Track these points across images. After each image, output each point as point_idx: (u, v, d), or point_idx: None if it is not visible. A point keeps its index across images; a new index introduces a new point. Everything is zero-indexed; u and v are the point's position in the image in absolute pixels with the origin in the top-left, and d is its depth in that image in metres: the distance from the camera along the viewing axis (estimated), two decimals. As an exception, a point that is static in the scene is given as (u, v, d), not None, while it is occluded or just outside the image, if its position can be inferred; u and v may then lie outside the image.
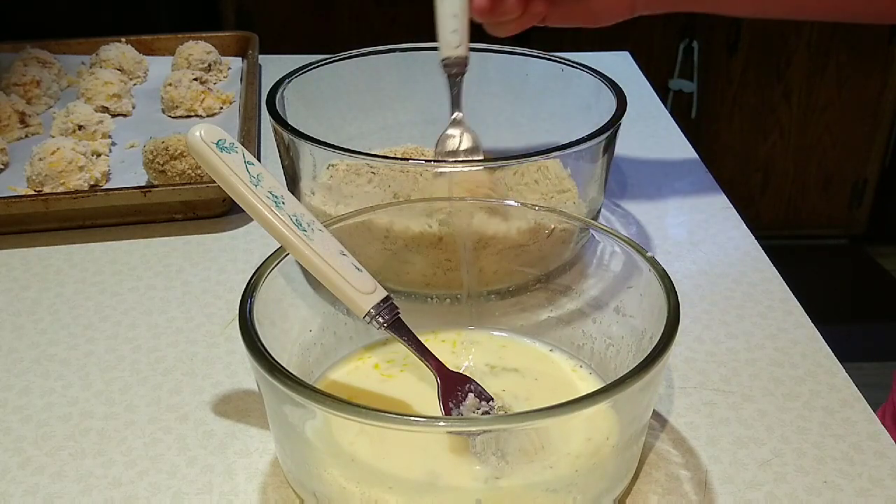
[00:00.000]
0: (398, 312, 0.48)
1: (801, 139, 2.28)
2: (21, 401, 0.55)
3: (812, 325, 0.62)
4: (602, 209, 0.70)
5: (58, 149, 0.75)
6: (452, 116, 0.66)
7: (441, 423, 0.43)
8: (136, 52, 1.00)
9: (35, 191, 0.75)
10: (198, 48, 0.99)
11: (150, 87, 0.98)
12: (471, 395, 0.47)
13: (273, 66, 1.00)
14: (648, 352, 0.42)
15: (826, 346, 0.60)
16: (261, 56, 1.02)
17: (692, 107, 2.19)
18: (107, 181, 0.78)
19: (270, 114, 0.63)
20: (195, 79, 0.92)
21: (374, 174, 0.62)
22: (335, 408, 0.39)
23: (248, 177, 0.46)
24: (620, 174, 0.82)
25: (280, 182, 0.48)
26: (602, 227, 0.53)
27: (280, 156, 0.65)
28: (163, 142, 0.74)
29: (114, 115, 0.90)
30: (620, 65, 1.09)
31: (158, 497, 0.48)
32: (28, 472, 0.49)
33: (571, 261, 0.59)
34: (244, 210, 0.46)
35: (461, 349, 0.55)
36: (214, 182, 0.47)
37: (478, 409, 0.47)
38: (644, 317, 0.48)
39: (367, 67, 0.73)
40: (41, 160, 0.75)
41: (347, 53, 0.72)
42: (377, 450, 0.43)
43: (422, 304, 0.59)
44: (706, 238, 0.73)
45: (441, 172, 0.59)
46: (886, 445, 0.51)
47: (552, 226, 0.58)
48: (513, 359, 0.54)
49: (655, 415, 0.53)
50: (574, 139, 0.60)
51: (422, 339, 0.48)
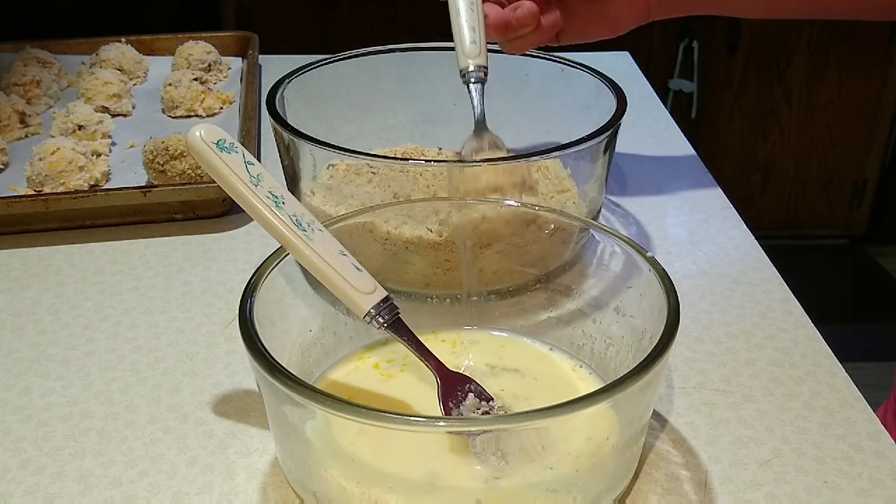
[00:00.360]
0: (398, 312, 0.48)
1: (801, 139, 2.28)
2: (21, 401, 0.55)
3: (812, 325, 0.62)
4: (602, 209, 0.70)
5: (58, 149, 0.75)
6: (475, 125, 0.65)
7: (441, 423, 0.43)
8: (136, 52, 1.00)
9: (35, 191, 0.75)
10: (198, 48, 0.99)
11: (150, 87, 0.98)
12: (471, 395, 0.47)
13: (273, 66, 1.00)
14: (648, 352, 0.42)
15: (826, 346, 0.60)
16: (261, 56, 1.02)
17: (692, 107, 2.19)
18: (107, 181, 0.78)
19: (270, 114, 0.63)
20: (195, 79, 0.92)
21: (374, 174, 0.63)
22: (335, 408, 0.39)
23: (248, 177, 0.46)
24: (620, 174, 0.82)
25: (280, 182, 0.48)
26: (602, 227, 0.53)
27: (280, 156, 0.65)
28: (163, 142, 0.74)
29: (114, 115, 0.90)
30: (620, 65, 1.09)
31: (158, 497, 0.48)
32: (28, 472, 0.49)
33: (571, 261, 0.59)
34: (244, 210, 0.46)
35: (461, 349, 0.55)
36: (214, 182, 0.47)
37: (478, 409, 0.47)
38: (644, 317, 0.48)
39: (367, 67, 0.73)
40: (41, 160, 0.75)
41: (347, 53, 0.72)
42: (377, 450, 0.43)
43: (422, 304, 0.59)
44: (706, 238, 0.73)
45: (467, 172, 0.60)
46: (886, 445, 0.51)
47: (552, 226, 0.58)
48: (513, 359, 0.54)
49: (655, 415, 0.53)
50: (574, 139, 0.60)
51: (422, 339, 0.48)
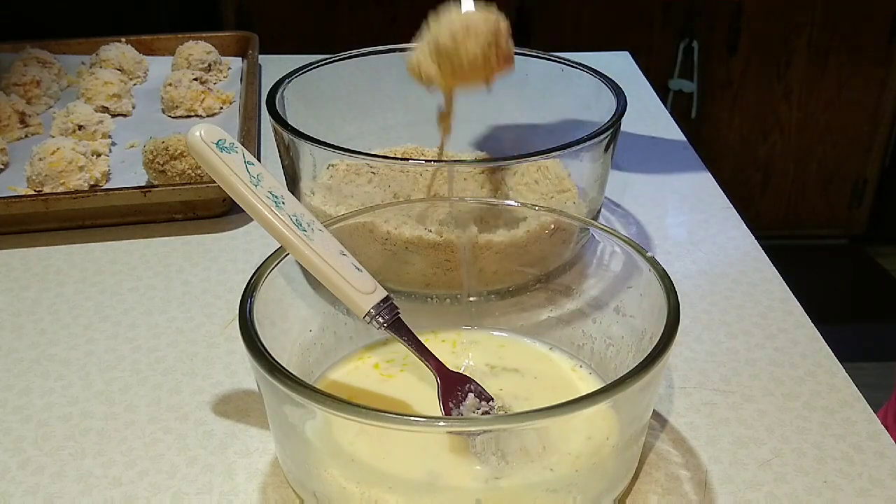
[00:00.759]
0: (398, 312, 0.48)
1: (801, 139, 2.28)
2: (21, 401, 0.55)
3: (812, 325, 0.62)
4: (602, 209, 0.70)
5: (58, 149, 0.75)
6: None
7: (441, 423, 0.43)
8: (136, 52, 1.00)
9: (35, 191, 0.75)
10: (198, 48, 0.99)
11: (150, 87, 0.98)
12: (471, 395, 0.47)
13: (273, 66, 0.99)
14: (648, 352, 0.42)
15: (826, 346, 0.60)
16: (261, 56, 1.02)
17: (692, 107, 2.19)
18: (107, 181, 0.78)
19: (270, 114, 0.63)
20: (195, 79, 0.92)
21: (374, 174, 0.62)
22: (335, 408, 0.39)
23: (248, 177, 0.46)
24: (620, 174, 0.82)
25: (280, 182, 0.48)
26: (602, 227, 0.53)
27: (280, 156, 0.65)
28: (163, 142, 0.73)
29: (114, 115, 0.90)
30: (620, 65, 1.09)
31: (158, 497, 0.48)
32: (28, 472, 0.49)
33: (571, 261, 0.59)
34: (244, 210, 0.46)
35: (461, 349, 0.55)
36: (214, 182, 0.47)
37: (478, 409, 0.47)
38: (644, 317, 0.48)
39: (367, 67, 0.73)
40: (41, 160, 0.75)
41: (347, 53, 0.72)
42: (377, 450, 0.43)
43: (422, 304, 0.59)
44: (706, 238, 0.73)
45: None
46: (886, 445, 0.51)
47: (552, 226, 0.58)
48: (513, 359, 0.54)
49: (655, 415, 0.53)
50: (574, 139, 0.60)
51: (422, 339, 0.48)
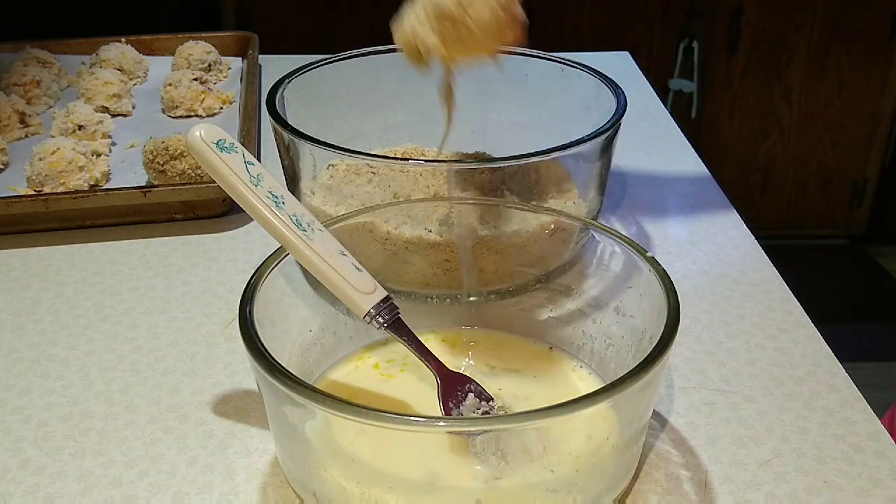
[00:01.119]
0: (398, 312, 0.48)
1: (801, 139, 2.28)
2: (21, 401, 0.55)
3: (812, 325, 0.62)
4: (602, 209, 0.70)
5: (58, 149, 0.75)
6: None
7: (441, 423, 0.43)
8: (136, 52, 1.00)
9: (35, 191, 0.75)
10: (198, 48, 0.99)
11: (150, 87, 0.98)
12: (471, 395, 0.47)
13: (273, 66, 0.99)
14: (648, 352, 0.42)
15: (826, 346, 0.60)
16: (261, 56, 1.02)
17: (692, 107, 2.19)
18: (107, 181, 0.78)
19: (270, 114, 0.63)
20: (195, 79, 0.92)
21: (374, 174, 0.62)
22: (335, 408, 0.39)
23: (248, 177, 0.46)
24: (620, 174, 0.82)
25: (280, 182, 0.48)
26: (602, 227, 0.53)
27: (280, 156, 0.65)
28: (163, 142, 0.73)
29: (114, 115, 0.90)
30: (620, 65, 1.09)
31: (158, 497, 0.48)
32: (28, 472, 0.49)
33: (571, 261, 0.59)
34: (244, 210, 0.46)
35: (461, 349, 0.55)
36: (214, 182, 0.47)
37: (478, 409, 0.47)
38: (644, 317, 0.48)
39: (367, 67, 0.73)
40: (41, 160, 0.75)
41: (347, 53, 0.72)
42: (377, 450, 0.43)
43: (422, 304, 0.59)
44: (706, 238, 0.73)
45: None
46: (886, 445, 0.51)
47: (552, 226, 0.58)
48: (512, 358, 0.54)
49: (655, 415, 0.53)
50: (574, 139, 0.60)
51: (422, 339, 0.48)
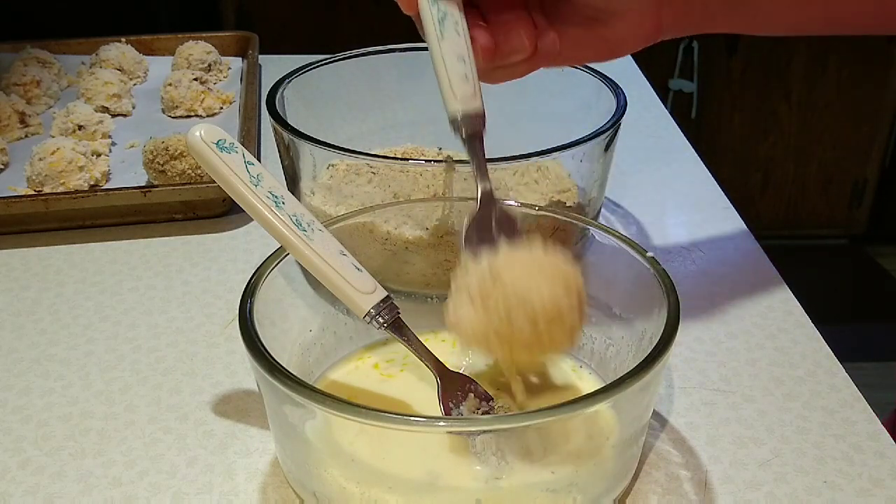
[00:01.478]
0: (398, 312, 0.48)
1: (801, 139, 2.28)
2: (21, 401, 0.55)
3: (812, 325, 0.62)
4: (602, 209, 0.70)
5: (58, 149, 0.75)
6: (479, 192, 0.50)
7: (441, 423, 0.43)
8: (136, 52, 1.00)
9: (35, 191, 0.75)
10: (198, 48, 0.99)
11: (150, 87, 0.98)
12: (471, 396, 0.47)
13: (273, 66, 0.99)
14: (648, 352, 0.42)
15: (826, 346, 0.60)
16: (261, 56, 1.02)
17: (692, 107, 2.19)
18: (107, 181, 0.78)
19: (270, 114, 0.63)
20: (195, 79, 0.92)
21: (374, 174, 0.62)
22: (335, 408, 0.39)
23: (248, 177, 0.46)
24: (620, 174, 0.82)
25: (280, 182, 0.48)
26: (602, 227, 0.53)
27: (280, 156, 0.65)
28: (163, 142, 0.74)
29: (114, 115, 0.90)
30: (620, 65, 1.08)
31: (158, 497, 0.48)
32: (28, 472, 0.49)
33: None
34: (244, 210, 0.46)
35: (461, 349, 0.55)
36: (214, 182, 0.47)
37: (478, 410, 0.47)
38: (644, 317, 0.48)
39: (367, 67, 0.73)
40: (41, 160, 0.75)
41: (347, 53, 0.72)
42: (377, 450, 0.43)
43: (422, 304, 0.59)
44: (706, 238, 0.73)
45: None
46: (886, 445, 0.51)
47: (552, 226, 0.58)
48: (513, 359, 0.54)
49: (655, 415, 0.53)
50: (574, 139, 0.60)
51: (422, 339, 0.48)
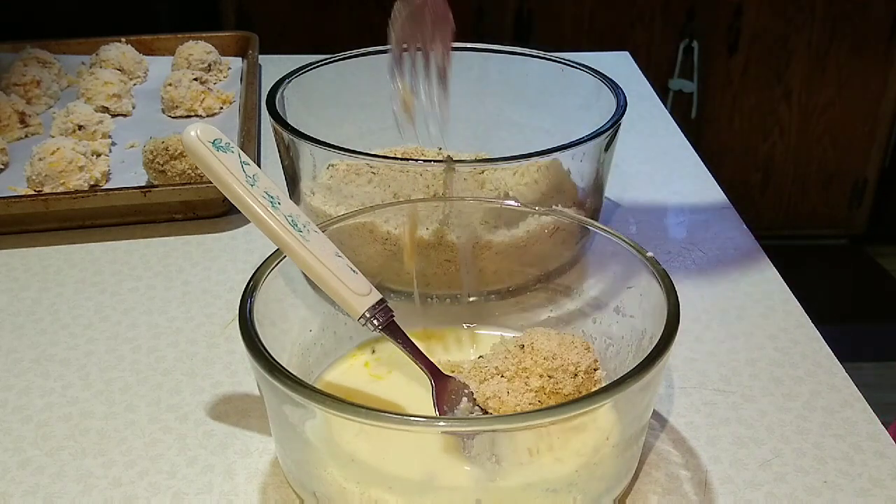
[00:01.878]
0: (392, 315, 0.48)
1: (801, 139, 2.28)
2: (21, 401, 0.55)
3: (812, 325, 0.62)
4: (602, 209, 0.70)
5: (58, 149, 0.75)
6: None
7: (441, 424, 0.43)
8: (136, 52, 1.00)
9: (35, 191, 0.75)
10: (198, 48, 0.99)
11: (150, 87, 0.98)
12: (464, 400, 0.47)
13: (273, 66, 1.00)
14: (648, 352, 0.42)
15: (826, 346, 0.60)
16: (261, 56, 1.02)
17: (692, 107, 2.19)
18: (107, 181, 0.78)
19: (270, 114, 0.63)
20: (195, 79, 0.92)
21: (374, 174, 0.62)
22: (335, 408, 0.39)
23: (245, 177, 0.46)
24: (620, 174, 0.82)
25: (276, 184, 0.47)
26: (602, 227, 0.53)
27: (280, 156, 0.65)
28: (163, 142, 0.73)
29: (114, 115, 0.90)
30: (620, 65, 1.09)
31: (158, 497, 0.48)
32: (28, 472, 0.49)
33: (571, 261, 0.59)
34: (240, 210, 0.46)
35: (460, 349, 0.55)
36: (214, 182, 0.47)
37: (471, 413, 0.47)
38: (644, 317, 0.48)
39: (367, 67, 0.73)
40: (41, 160, 0.75)
41: (347, 53, 0.72)
42: (377, 450, 0.43)
43: (422, 304, 0.59)
44: (706, 238, 0.73)
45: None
46: (886, 445, 0.51)
47: (552, 226, 0.58)
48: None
49: (655, 415, 0.53)
50: (574, 139, 0.60)
51: (420, 339, 0.48)
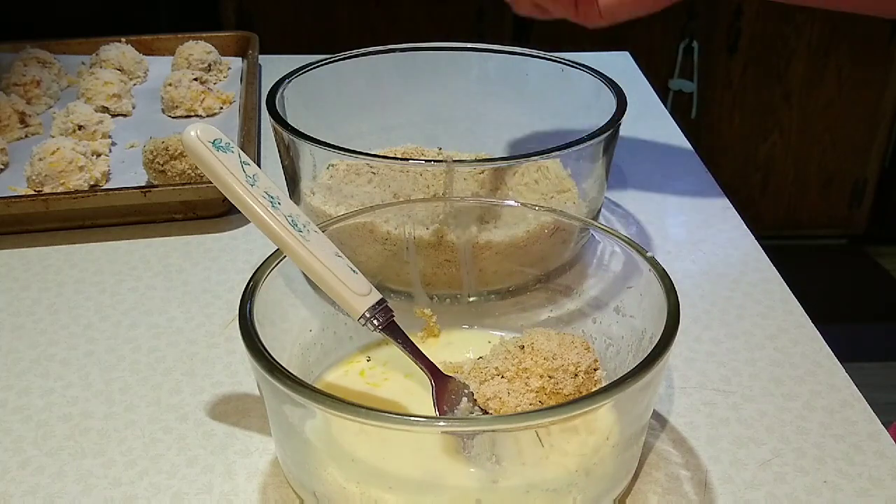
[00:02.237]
0: (392, 315, 0.48)
1: (801, 139, 2.28)
2: (21, 401, 0.55)
3: (812, 325, 0.62)
4: (602, 209, 0.70)
5: (58, 149, 0.75)
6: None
7: (441, 424, 0.43)
8: (136, 52, 1.00)
9: (35, 191, 0.75)
10: (198, 48, 0.99)
11: (150, 87, 0.98)
12: (464, 400, 0.47)
13: (273, 66, 1.00)
14: (648, 352, 0.42)
15: (826, 346, 0.60)
16: (261, 56, 1.02)
17: (692, 107, 2.19)
18: (107, 181, 0.78)
19: (270, 114, 0.63)
20: (195, 79, 0.92)
21: (374, 174, 0.62)
22: (335, 408, 0.39)
23: (244, 177, 0.46)
24: (620, 174, 0.82)
25: (276, 184, 0.47)
26: (602, 227, 0.53)
27: (280, 156, 0.65)
28: (163, 142, 0.73)
29: (114, 115, 0.90)
30: (620, 65, 1.09)
31: (158, 497, 0.48)
32: (28, 472, 0.49)
33: (571, 261, 0.59)
34: (240, 210, 0.46)
35: (460, 349, 0.55)
36: (214, 182, 0.47)
37: (471, 413, 0.47)
38: (644, 317, 0.48)
39: (367, 67, 0.73)
40: (41, 160, 0.75)
41: (347, 53, 0.72)
42: (377, 450, 0.43)
43: (421, 305, 0.59)
44: (706, 238, 0.73)
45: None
46: (886, 445, 0.51)
47: (552, 226, 0.58)
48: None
49: (655, 415, 0.53)
50: (574, 139, 0.60)
51: (420, 340, 0.48)
